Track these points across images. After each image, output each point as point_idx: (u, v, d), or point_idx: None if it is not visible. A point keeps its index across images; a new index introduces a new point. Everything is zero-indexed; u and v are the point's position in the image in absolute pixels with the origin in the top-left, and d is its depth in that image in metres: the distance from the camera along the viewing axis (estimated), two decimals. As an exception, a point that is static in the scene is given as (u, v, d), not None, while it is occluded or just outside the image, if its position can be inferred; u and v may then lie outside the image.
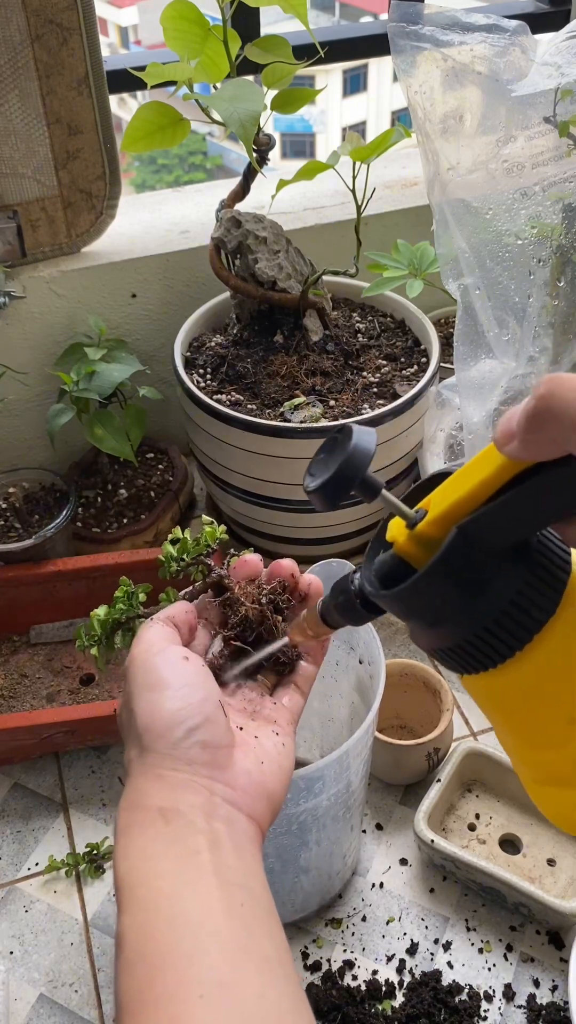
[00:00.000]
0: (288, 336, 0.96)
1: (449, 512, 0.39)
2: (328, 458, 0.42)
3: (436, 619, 0.40)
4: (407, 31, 0.82)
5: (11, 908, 0.78)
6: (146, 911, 0.41)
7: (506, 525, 0.37)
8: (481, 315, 0.85)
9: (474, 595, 0.38)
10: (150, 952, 0.39)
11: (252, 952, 0.40)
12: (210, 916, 0.40)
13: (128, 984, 0.39)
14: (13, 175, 0.96)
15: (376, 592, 0.42)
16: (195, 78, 0.86)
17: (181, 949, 0.39)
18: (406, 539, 0.41)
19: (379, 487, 0.42)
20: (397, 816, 0.82)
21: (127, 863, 0.43)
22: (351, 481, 0.41)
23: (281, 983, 0.40)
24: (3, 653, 0.96)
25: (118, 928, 0.41)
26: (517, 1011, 0.70)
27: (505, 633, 0.38)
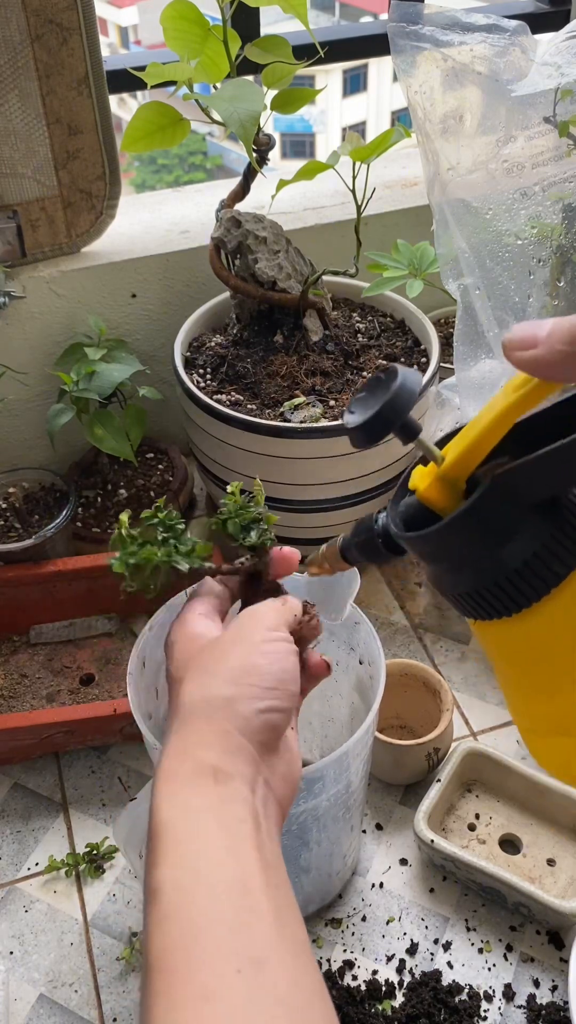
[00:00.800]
0: (288, 336, 0.96)
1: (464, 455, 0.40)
2: (370, 397, 0.42)
3: (458, 564, 0.41)
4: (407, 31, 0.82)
5: (11, 908, 0.78)
6: (187, 869, 0.40)
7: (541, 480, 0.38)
8: (481, 315, 0.85)
9: (499, 545, 0.39)
10: (188, 913, 0.38)
11: (286, 935, 0.40)
12: (251, 891, 0.40)
13: (162, 940, 0.38)
14: (13, 175, 0.96)
15: (401, 534, 0.43)
16: (195, 78, 0.86)
17: (221, 917, 0.38)
18: (427, 485, 0.42)
19: (417, 430, 0.42)
20: (397, 816, 0.82)
21: (171, 811, 0.42)
22: (392, 423, 0.41)
23: (311, 970, 0.40)
24: (3, 653, 0.96)
25: (154, 878, 0.40)
26: (517, 1011, 0.70)
27: (524, 584, 0.39)
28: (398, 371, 0.42)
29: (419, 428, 0.42)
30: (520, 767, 0.79)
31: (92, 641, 0.97)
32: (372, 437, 0.42)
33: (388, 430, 0.41)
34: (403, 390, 0.41)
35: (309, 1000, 0.38)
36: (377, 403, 0.41)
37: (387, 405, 0.41)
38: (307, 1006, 0.38)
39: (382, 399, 0.41)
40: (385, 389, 0.42)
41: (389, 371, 0.42)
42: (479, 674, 0.94)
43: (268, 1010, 0.36)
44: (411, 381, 0.41)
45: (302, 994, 0.38)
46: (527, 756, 0.86)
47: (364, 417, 0.42)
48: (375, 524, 0.47)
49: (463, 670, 0.94)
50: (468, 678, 0.93)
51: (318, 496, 0.91)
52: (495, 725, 0.89)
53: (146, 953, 0.39)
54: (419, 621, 0.99)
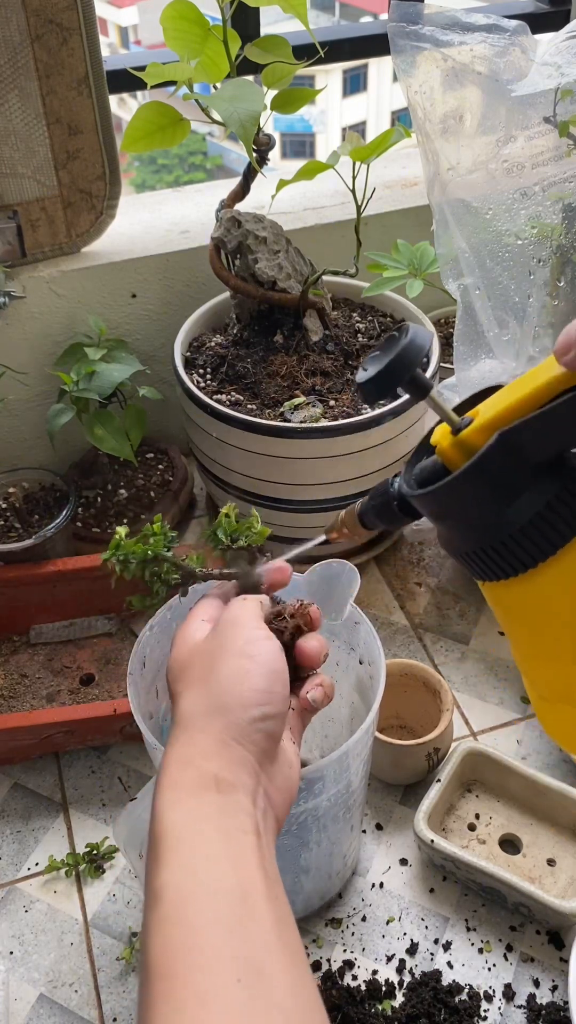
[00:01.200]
0: (288, 336, 0.96)
1: (495, 420, 0.40)
2: (382, 354, 0.43)
3: (466, 522, 0.41)
4: (407, 31, 0.82)
5: (11, 908, 0.78)
6: (189, 875, 0.40)
7: (546, 436, 0.38)
8: (481, 315, 0.85)
9: (506, 502, 0.39)
10: (189, 919, 0.39)
11: (285, 943, 0.40)
12: (252, 899, 0.40)
13: (162, 945, 0.38)
14: (13, 175, 0.96)
15: (412, 492, 0.43)
16: (195, 78, 0.86)
17: (221, 925, 0.38)
18: (449, 444, 0.42)
19: (428, 387, 0.43)
20: (397, 816, 0.82)
21: (174, 817, 0.43)
22: (401, 375, 0.42)
23: (308, 981, 0.40)
24: (3, 653, 0.96)
25: (155, 881, 0.41)
26: (517, 1011, 0.70)
27: (530, 543, 0.39)
28: (409, 328, 0.42)
29: (430, 385, 0.43)
30: (520, 767, 0.79)
31: (92, 641, 0.97)
32: (381, 391, 0.43)
33: (397, 383, 0.42)
34: (412, 344, 0.42)
35: (307, 1008, 0.38)
36: (388, 357, 0.42)
37: (396, 358, 0.42)
38: (305, 1013, 0.38)
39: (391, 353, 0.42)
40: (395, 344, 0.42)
41: (401, 328, 0.43)
42: (479, 674, 0.94)
43: (266, 1016, 0.36)
44: (421, 336, 0.42)
45: (300, 1002, 0.38)
46: (527, 756, 0.86)
47: (375, 371, 0.42)
48: (391, 487, 0.48)
49: (463, 670, 0.94)
50: (468, 678, 0.93)
51: (318, 496, 0.91)
52: (495, 725, 0.89)
53: (146, 956, 0.39)
54: (419, 621, 0.99)
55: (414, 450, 0.47)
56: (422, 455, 0.46)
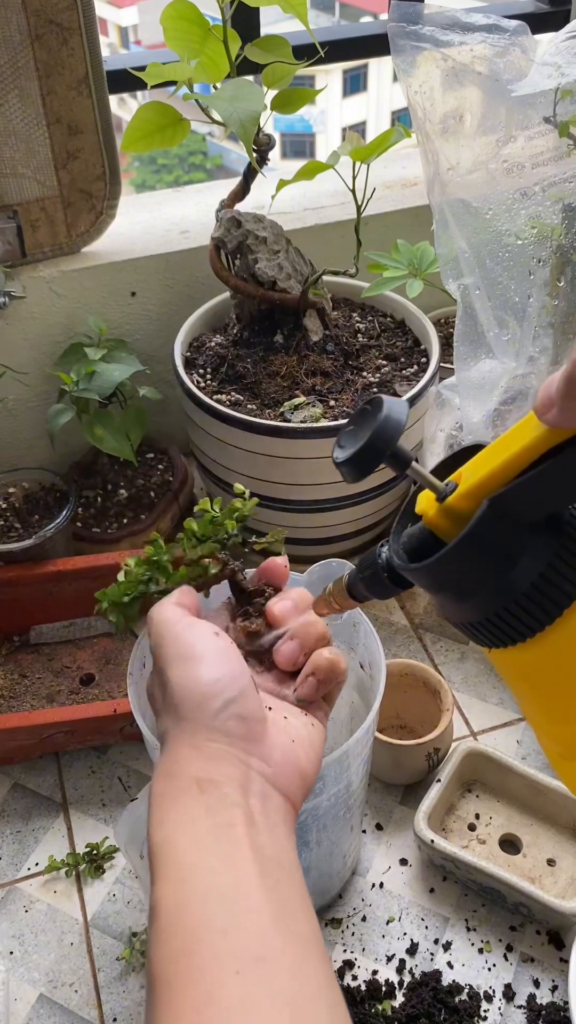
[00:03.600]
0: (288, 336, 0.96)
1: (481, 485, 0.39)
2: (357, 429, 0.42)
3: (465, 593, 0.40)
4: (407, 31, 0.82)
5: (11, 908, 0.78)
6: (179, 882, 0.40)
7: (538, 498, 0.37)
8: (481, 315, 0.85)
9: (504, 569, 0.38)
10: (184, 924, 0.39)
11: (287, 930, 0.40)
12: (245, 891, 0.40)
13: (162, 955, 0.39)
14: (13, 175, 0.96)
15: (404, 565, 0.42)
16: (195, 78, 0.86)
17: (215, 923, 0.38)
18: (436, 512, 0.41)
19: (409, 459, 0.41)
20: (397, 816, 0.82)
21: (162, 832, 0.43)
22: (381, 453, 0.41)
23: (315, 961, 0.40)
24: (3, 653, 0.96)
25: (152, 898, 0.41)
26: (517, 1011, 0.70)
27: (535, 607, 0.38)
28: (383, 402, 0.41)
29: (410, 457, 0.42)
30: (520, 767, 0.79)
31: (92, 641, 0.97)
32: (362, 470, 0.41)
33: (378, 461, 0.41)
34: (389, 420, 0.40)
35: (314, 991, 0.38)
36: (365, 435, 0.41)
37: (374, 436, 0.40)
38: (313, 996, 0.38)
39: (369, 430, 0.41)
40: (372, 420, 0.41)
41: (374, 402, 0.42)
42: (479, 674, 0.94)
43: (268, 1006, 0.36)
44: (397, 410, 0.41)
45: (306, 986, 0.38)
46: (527, 756, 0.86)
47: (353, 450, 0.41)
48: (379, 558, 0.46)
49: (463, 670, 0.94)
50: (468, 678, 0.93)
51: (318, 496, 0.91)
52: (495, 725, 0.89)
53: (149, 968, 0.39)
54: (419, 621, 0.99)
55: (398, 516, 0.45)
56: (407, 522, 0.45)
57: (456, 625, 0.42)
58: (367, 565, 0.47)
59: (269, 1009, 0.36)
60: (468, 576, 0.39)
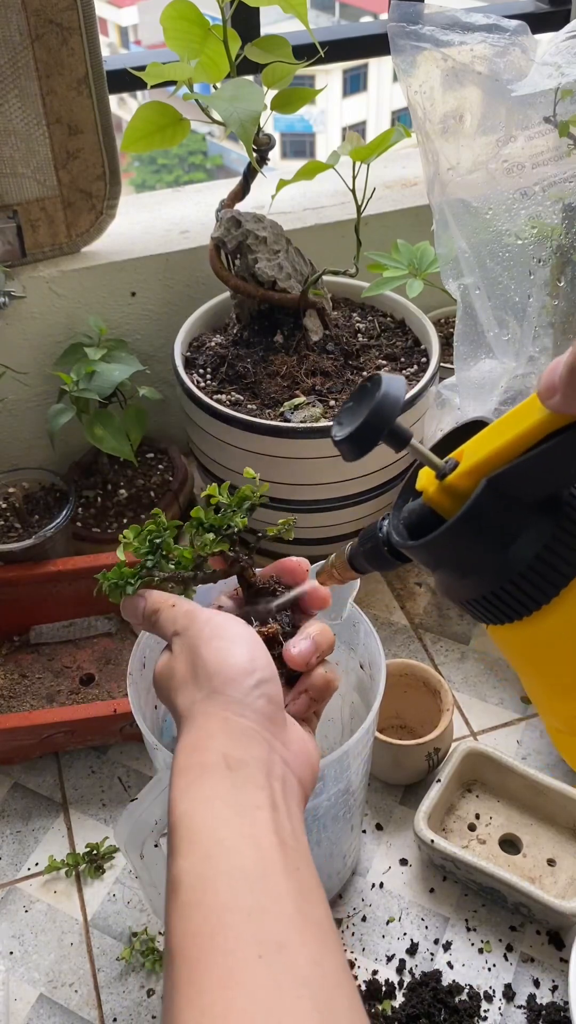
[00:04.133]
0: (288, 336, 0.96)
1: (482, 464, 0.39)
2: (356, 407, 0.42)
3: (464, 570, 0.40)
4: (407, 31, 0.82)
5: (11, 908, 0.78)
6: (205, 858, 0.40)
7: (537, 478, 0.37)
8: (481, 315, 0.85)
9: (502, 547, 0.38)
10: (207, 902, 0.39)
11: (309, 917, 0.40)
12: (270, 875, 0.40)
13: (183, 929, 0.38)
14: (13, 175, 0.96)
15: (403, 542, 0.43)
16: (195, 78, 0.86)
17: (240, 904, 0.38)
18: (436, 489, 0.41)
19: (408, 436, 0.41)
20: (397, 816, 0.82)
21: (186, 804, 0.43)
22: (379, 430, 0.41)
23: (334, 951, 0.40)
24: (3, 653, 0.96)
25: (172, 871, 0.41)
26: (517, 1011, 0.70)
27: (532, 586, 0.39)
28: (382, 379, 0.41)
29: (409, 435, 0.42)
30: (520, 767, 0.79)
31: (92, 641, 0.97)
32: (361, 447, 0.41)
33: (376, 439, 0.41)
34: (387, 397, 0.40)
35: (334, 981, 0.38)
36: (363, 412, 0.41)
37: (372, 413, 0.40)
38: (332, 986, 0.38)
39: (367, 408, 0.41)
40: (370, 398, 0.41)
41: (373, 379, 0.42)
42: (479, 674, 0.94)
43: (291, 992, 0.36)
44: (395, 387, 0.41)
45: (325, 975, 0.38)
46: (527, 756, 0.86)
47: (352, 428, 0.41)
48: (379, 531, 0.47)
49: (463, 670, 0.94)
50: (468, 678, 0.93)
51: (318, 496, 0.91)
52: (495, 725, 0.89)
53: (168, 943, 0.39)
54: (419, 621, 0.99)
55: (399, 492, 0.46)
56: (408, 497, 0.45)
57: (455, 602, 0.43)
58: (368, 538, 0.48)
59: (291, 995, 0.36)
60: (466, 553, 0.39)
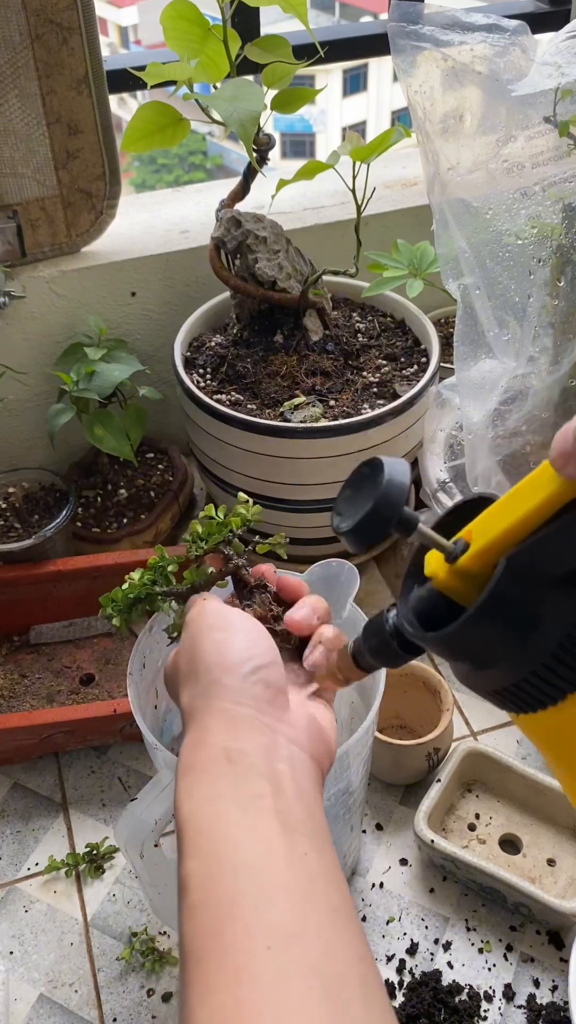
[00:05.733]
0: (288, 336, 0.96)
1: (496, 543, 0.36)
2: (357, 495, 0.39)
3: (488, 660, 0.37)
4: (407, 31, 0.81)
5: (11, 908, 0.78)
6: (209, 856, 0.41)
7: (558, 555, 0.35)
8: (481, 315, 0.85)
9: (527, 631, 0.35)
10: (215, 900, 0.39)
11: (318, 902, 0.40)
12: (274, 865, 0.40)
13: (193, 930, 0.39)
14: (13, 175, 0.96)
15: (419, 634, 0.39)
16: (195, 78, 0.86)
17: (246, 898, 0.39)
18: (447, 574, 0.38)
19: (415, 522, 0.38)
20: (397, 816, 0.82)
21: (190, 804, 0.43)
22: (388, 520, 0.38)
23: (347, 934, 0.40)
24: (3, 653, 0.96)
25: (182, 871, 0.41)
26: (517, 1011, 0.70)
27: (564, 668, 0.36)
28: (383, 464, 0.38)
29: (417, 519, 0.39)
30: (520, 767, 0.79)
31: (92, 641, 0.97)
32: (368, 539, 0.39)
33: (385, 529, 0.38)
34: (392, 485, 0.38)
35: (346, 965, 0.38)
36: (367, 501, 0.38)
37: (379, 504, 0.38)
38: (344, 972, 0.38)
39: (372, 496, 0.38)
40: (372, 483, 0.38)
41: (373, 464, 0.39)
42: (479, 674, 0.94)
43: (301, 981, 0.36)
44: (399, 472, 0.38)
45: (338, 960, 0.38)
46: (527, 756, 0.86)
47: (356, 519, 0.38)
48: (386, 624, 0.43)
49: (463, 670, 0.94)
50: (468, 678, 0.93)
51: (318, 496, 0.91)
52: (495, 725, 0.89)
53: (181, 944, 0.39)
54: (419, 621, 0.99)
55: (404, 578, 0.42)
56: (414, 583, 0.41)
57: (478, 693, 0.39)
58: (373, 633, 0.44)
59: (301, 986, 0.36)
60: (490, 643, 0.36)
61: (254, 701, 0.46)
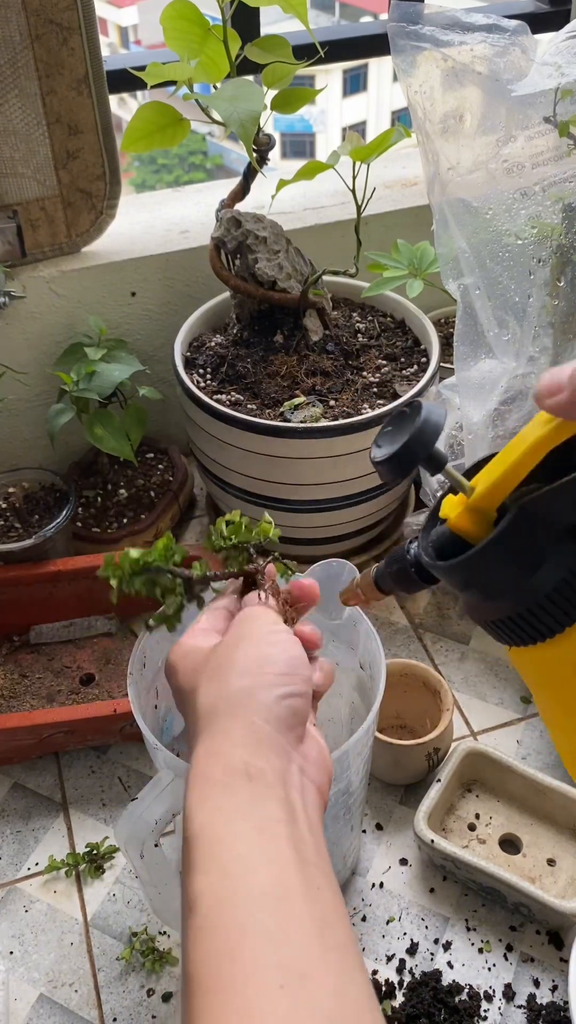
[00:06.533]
0: (288, 336, 0.96)
1: (494, 487, 0.41)
2: (396, 431, 0.44)
3: (491, 591, 0.42)
4: (407, 31, 0.82)
5: (11, 908, 0.78)
6: (224, 877, 0.39)
7: (568, 506, 0.39)
8: (481, 315, 0.85)
9: (530, 570, 0.40)
10: (227, 924, 0.38)
11: (330, 942, 0.39)
12: (291, 897, 0.39)
13: (201, 954, 0.37)
14: (13, 175, 0.96)
15: (433, 563, 0.44)
16: (195, 78, 0.86)
17: (261, 928, 0.37)
18: (458, 515, 0.43)
19: (444, 461, 0.43)
20: (397, 816, 0.82)
21: (205, 816, 0.42)
22: (419, 455, 0.42)
23: (358, 976, 0.39)
24: (3, 653, 0.96)
25: (190, 888, 0.39)
26: (517, 1011, 0.70)
27: (557, 609, 0.40)
28: (423, 406, 0.43)
29: (446, 459, 0.43)
30: (520, 767, 0.79)
31: (92, 641, 0.97)
32: (401, 470, 0.43)
33: (415, 463, 0.43)
34: (428, 424, 0.42)
35: (356, 1011, 0.37)
36: (403, 436, 0.43)
37: (414, 438, 0.42)
38: (354, 1018, 0.37)
39: (408, 432, 0.42)
40: (411, 423, 0.43)
41: (413, 406, 0.44)
42: (479, 674, 0.94)
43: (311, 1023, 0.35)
44: (436, 415, 0.43)
45: (348, 1005, 0.37)
46: (527, 756, 0.86)
47: (391, 450, 0.43)
48: (408, 554, 0.49)
49: (463, 670, 0.94)
50: (468, 678, 0.93)
51: (318, 496, 0.91)
52: (495, 725, 0.89)
53: (186, 966, 0.38)
54: (419, 621, 0.99)
55: (427, 516, 0.47)
56: (434, 523, 0.47)
57: (480, 623, 0.44)
58: (396, 560, 0.50)
59: None
60: (495, 575, 0.41)
61: (280, 723, 0.45)
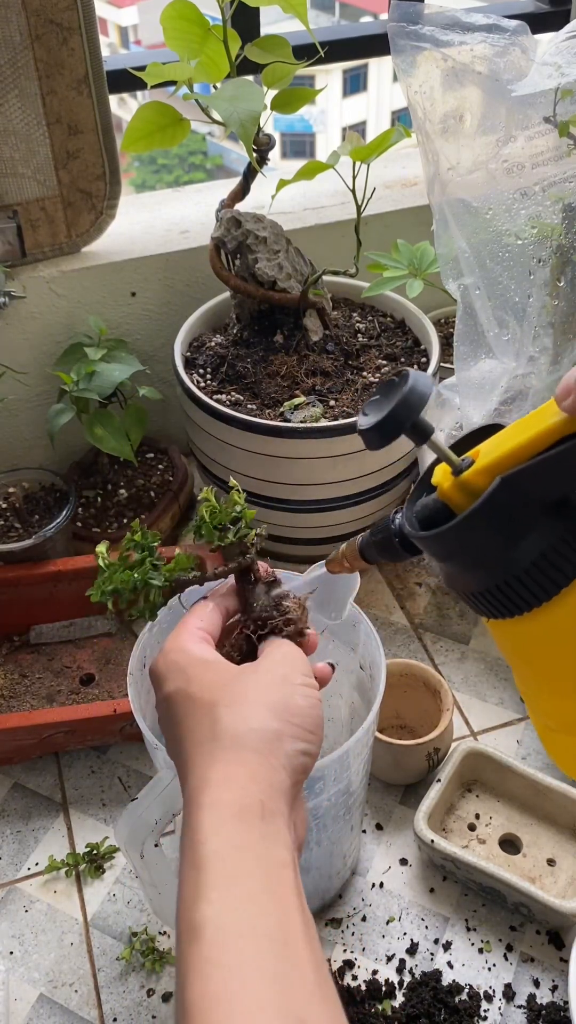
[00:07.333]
0: (288, 336, 0.96)
1: (497, 463, 0.40)
2: (383, 399, 0.44)
3: (471, 563, 0.42)
4: (407, 31, 0.81)
5: (11, 908, 0.78)
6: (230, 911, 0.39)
7: (550, 480, 0.39)
8: (481, 315, 0.85)
9: (510, 543, 0.40)
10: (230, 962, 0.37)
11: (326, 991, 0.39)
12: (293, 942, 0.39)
13: (202, 989, 0.37)
14: (13, 175, 0.96)
15: (415, 533, 0.44)
16: (195, 78, 0.86)
17: (264, 971, 0.37)
18: (450, 485, 0.43)
19: (430, 431, 0.43)
20: (397, 816, 0.82)
21: (217, 843, 0.41)
22: (403, 423, 0.42)
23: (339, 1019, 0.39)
24: (3, 653, 0.96)
25: (195, 914, 0.39)
26: (517, 1011, 0.70)
27: (534, 583, 0.40)
28: (410, 374, 0.43)
29: (431, 429, 0.43)
30: (520, 767, 0.79)
31: (92, 641, 0.97)
32: (384, 438, 0.43)
33: (399, 431, 0.43)
34: (414, 392, 0.42)
35: None
36: (389, 404, 0.43)
37: (399, 406, 0.42)
38: None
39: (394, 400, 0.42)
40: (398, 391, 0.43)
41: (401, 374, 0.43)
42: (479, 674, 0.94)
43: None
44: (422, 383, 0.42)
45: None
46: (527, 756, 0.86)
47: (377, 418, 0.43)
48: (392, 524, 0.49)
49: (463, 670, 0.94)
50: (468, 678, 0.93)
51: (318, 496, 0.91)
52: (495, 725, 0.89)
53: (183, 996, 0.37)
54: (419, 621, 0.99)
55: (414, 486, 0.47)
56: (422, 492, 0.47)
57: (459, 595, 0.44)
58: (380, 530, 0.50)
59: None
60: (476, 547, 0.41)
61: (293, 775, 0.45)
